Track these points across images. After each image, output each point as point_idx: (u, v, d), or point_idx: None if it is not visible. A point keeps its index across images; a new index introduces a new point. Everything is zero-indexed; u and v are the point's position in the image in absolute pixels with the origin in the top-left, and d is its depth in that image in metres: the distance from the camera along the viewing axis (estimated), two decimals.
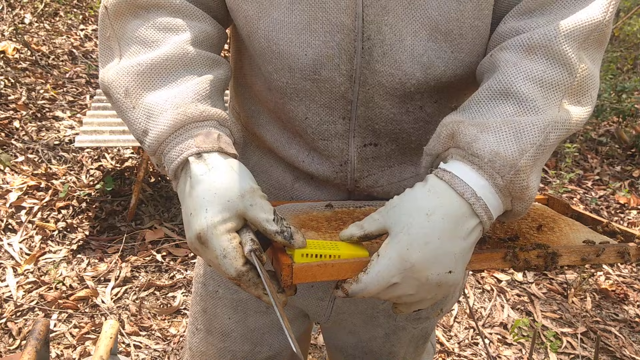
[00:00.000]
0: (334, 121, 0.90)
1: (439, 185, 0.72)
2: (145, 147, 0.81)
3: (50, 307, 2.47)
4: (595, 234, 0.90)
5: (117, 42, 0.86)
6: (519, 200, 0.74)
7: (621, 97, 4.66)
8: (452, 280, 0.72)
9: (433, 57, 0.84)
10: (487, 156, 0.71)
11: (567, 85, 0.75)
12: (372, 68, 0.84)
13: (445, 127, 0.77)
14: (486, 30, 0.85)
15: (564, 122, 0.74)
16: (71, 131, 3.73)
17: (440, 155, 0.78)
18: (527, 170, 0.72)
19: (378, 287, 0.71)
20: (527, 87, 0.74)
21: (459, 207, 0.71)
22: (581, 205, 3.82)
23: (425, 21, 0.81)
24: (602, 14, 0.77)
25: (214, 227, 0.72)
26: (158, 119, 0.78)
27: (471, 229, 0.71)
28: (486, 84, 0.78)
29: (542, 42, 0.76)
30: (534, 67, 0.75)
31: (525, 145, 0.71)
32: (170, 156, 0.78)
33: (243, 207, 0.73)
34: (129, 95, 0.81)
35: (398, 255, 0.69)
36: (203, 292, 1.17)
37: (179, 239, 3.00)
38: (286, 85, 0.89)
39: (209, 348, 1.18)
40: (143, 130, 0.79)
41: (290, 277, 0.71)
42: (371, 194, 0.99)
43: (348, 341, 1.20)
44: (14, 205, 3.03)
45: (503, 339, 2.60)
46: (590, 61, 0.78)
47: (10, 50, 4.30)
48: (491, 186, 0.72)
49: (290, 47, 0.84)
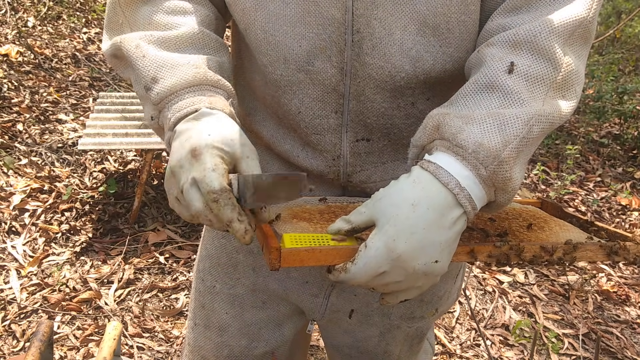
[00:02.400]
0: (327, 115, 0.92)
1: (424, 176, 0.74)
2: (151, 94, 0.82)
3: (53, 309, 2.48)
4: (584, 234, 0.91)
5: (129, 27, 0.90)
6: (502, 191, 0.75)
7: (623, 98, 4.67)
8: (439, 269, 0.74)
9: (422, 51, 0.86)
10: (471, 147, 0.73)
11: (551, 79, 0.77)
12: (362, 60, 0.86)
13: (431, 119, 0.79)
14: (474, 26, 0.88)
15: (547, 115, 0.76)
16: (74, 134, 3.75)
17: (426, 147, 0.80)
18: (510, 162, 0.73)
19: (366, 276, 0.73)
20: (512, 80, 0.76)
21: (444, 197, 0.72)
22: (583, 206, 3.82)
23: (413, 15, 0.83)
24: (586, 10, 0.79)
25: (212, 146, 0.74)
26: (173, 71, 0.81)
27: (456, 218, 0.73)
28: (473, 78, 0.80)
29: (527, 37, 0.78)
30: (518, 61, 0.77)
31: (509, 137, 0.73)
32: (179, 105, 0.80)
33: (240, 154, 0.76)
34: (139, 47, 0.84)
35: (385, 246, 0.71)
36: (201, 288, 1.19)
37: (182, 241, 3.01)
38: (281, 78, 0.91)
39: (206, 342, 1.19)
40: (152, 78, 0.82)
41: (278, 261, 0.72)
42: (364, 190, 1.01)
43: (344, 341, 1.21)
44: (18, 207, 3.05)
45: (505, 340, 2.61)
46: (575, 57, 0.80)
47: (13, 53, 4.33)
48: (475, 177, 0.73)
49: (285, 38, 0.87)
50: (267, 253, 0.74)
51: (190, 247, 2.98)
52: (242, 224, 0.73)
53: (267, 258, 0.74)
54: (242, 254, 1.11)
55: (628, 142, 4.67)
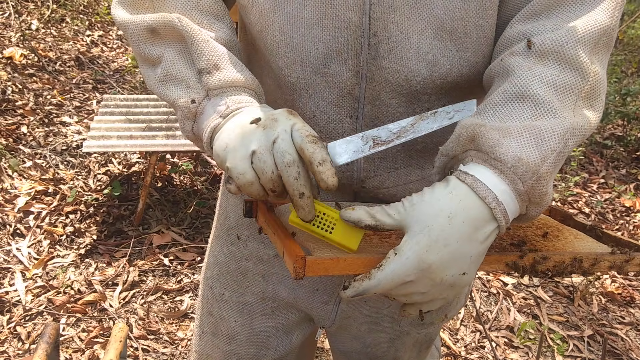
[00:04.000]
0: (341, 120, 0.92)
1: (461, 187, 0.72)
2: (210, 78, 0.83)
3: (58, 311, 2.49)
4: (599, 244, 0.91)
5: (155, 11, 0.89)
6: (536, 205, 0.74)
7: (626, 100, 4.66)
8: (465, 281, 0.73)
9: (438, 55, 0.85)
10: (510, 161, 0.71)
11: (580, 89, 0.76)
12: (378, 64, 0.86)
13: (465, 129, 0.76)
14: (491, 31, 0.87)
15: (580, 128, 0.75)
16: (78, 136, 3.76)
17: (457, 157, 0.78)
18: (548, 177, 0.72)
19: (391, 284, 0.71)
20: (542, 90, 0.75)
21: (480, 211, 0.71)
22: (586, 208, 3.82)
23: (431, 19, 0.83)
24: (609, 18, 0.78)
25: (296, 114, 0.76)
26: (235, 66, 0.85)
27: (489, 233, 0.72)
28: (501, 88, 0.79)
29: (554, 47, 0.77)
30: (547, 71, 0.76)
31: (547, 152, 0.72)
32: (239, 98, 0.83)
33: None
34: (202, 31, 0.85)
35: (416, 256, 0.69)
36: (209, 295, 1.18)
37: (186, 243, 3.02)
38: (297, 81, 0.91)
39: (214, 351, 1.18)
40: (214, 64, 0.83)
41: (302, 269, 0.70)
42: (377, 196, 1.00)
43: (353, 346, 1.20)
44: (22, 210, 3.05)
45: (510, 342, 2.60)
46: (601, 66, 0.79)
47: (17, 56, 4.34)
48: (512, 191, 0.72)
49: (302, 40, 0.87)
50: (290, 261, 0.71)
51: (195, 249, 2.99)
52: (332, 168, 0.72)
53: (290, 267, 0.71)
54: (251, 262, 1.11)
55: (631, 144, 4.67)
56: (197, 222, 3.21)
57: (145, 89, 4.47)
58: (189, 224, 3.19)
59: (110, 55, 4.96)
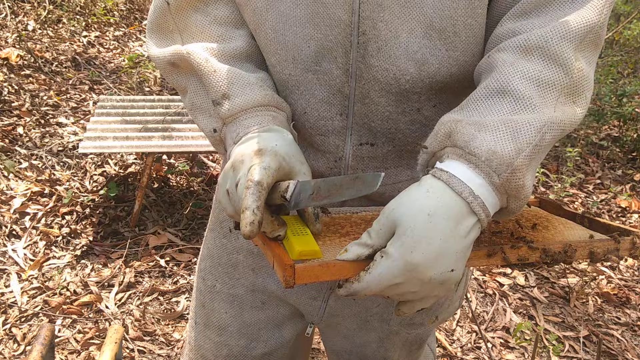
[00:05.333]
0: (332, 117, 0.93)
1: (437, 185, 0.74)
2: (222, 109, 0.89)
3: (54, 313, 2.48)
4: (589, 232, 0.91)
5: (180, 34, 0.96)
6: (514, 198, 0.75)
7: (622, 101, 4.67)
8: (454, 277, 0.74)
9: (427, 54, 0.86)
10: (484, 155, 0.72)
11: (562, 85, 0.77)
12: (367, 62, 0.87)
13: (443, 126, 0.78)
14: (480, 30, 0.88)
15: (559, 123, 0.76)
16: (75, 137, 3.75)
17: (436, 153, 0.79)
18: (523, 169, 0.73)
19: (380, 286, 0.72)
20: (523, 85, 0.76)
21: (459, 206, 0.72)
22: (582, 209, 3.82)
23: (420, 18, 0.84)
24: (597, 15, 0.79)
25: (276, 154, 0.79)
26: (244, 89, 0.89)
27: (470, 227, 0.73)
28: (483, 83, 0.80)
29: (538, 43, 0.77)
30: (530, 67, 0.77)
31: (522, 145, 0.73)
32: (249, 122, 0.87)
33: (298, 170, 0.81)
34: (209, 61, 0.90)
35: (402, 258, 0.70)
36: (202, 287, 1.19)
37: (183, 244, 3.02)
38: (289, 78, 0.92)
39: (206, 342, 1.20)
40: (223, 94, 0.89)
41: (292, 278, 0.71)
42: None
43: (343, 346, 1.21)
44: (18, 211, 3.05)
45: (505, 342, 2.61)
46: (586, 63, 0.80)
47: (13, 56, 4.33)
48: (488, 184, 0.73)
49: (295, 38, 0.88)
50: (280, 270, 0.72)
51: (191, 250, 2.99)
52: (253, 216, 0.73)
53: (281, 276, 0.72)
54: (242, 255, 1.12)
55: (627, 145, 4.68)
56: (193, 223, 3.21)
57: (141, 90, 4.47)
58: (185, 225, 3.19)
59: (107, 56, 4.95)
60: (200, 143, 3.04)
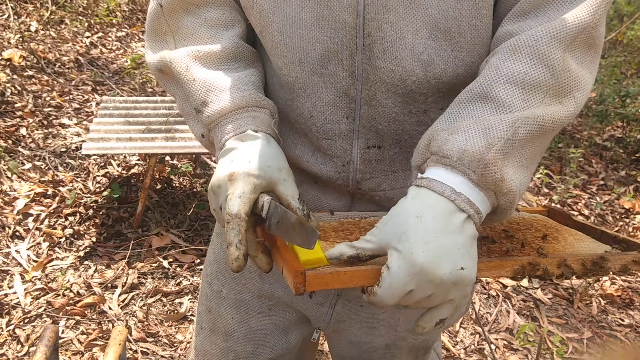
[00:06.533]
0: (338, 120, 0.93)
1: (420, 191, 0.75)
2: (202, 116, 0.91)
3: (57, 314, 2.49)
4: (599, 244, 0.91)
5: (172, 36, 0.98)
6: (500, 194, 0.76)
7: (625, 102, 4.66)
8: (467, 276, 0.73)
9: (433, 55, 0.86)
10: (456, 155, 0.74)
11: (548, 86, 0.77)
12: (373, 64, 0.87)
13: (424, 139, 0.80)
14: (486, 31, 0.88)
15: (536, 118, 0.76)
16: (77, 138, 3.76)
17: (421, 167, 0.81)
18: (498, 163, 0.74)
19: (394, 297, 0.72)
20: (505, 90, 0.77)
21: (444, 205, 0.73)
22: (586, 210, 3.82)
23: (425, 19, 0.84)
24: (590, 16, 0.78)
25: (248, 175, 0.81)
26: (221, 95, 0.90)
27: (462, 222, 0.73)
28: (468, 87, 0.81)
29: (528, 42, 0.78)
30: (516, 68, 0.77)
31: (493, 140, 0.74)
32: (228, 128, 0.89)
33: (277, 179, 0.84)
34: (189, 70, 0.92)
35: (405, 262, 0.71)
36: (208, 292, 1.19)
37: (186, 245, 3.02)
38: (295, 80, 0.92)
39: (212, 347, 1.19)
40: (202, 101, 0.91)
41: (303, 285, 0.71)
42: (373, 198, 1.01)
43: (349, 352, 1.21)
44: (22, 212, 3.05)
45: (509, 344, 2.60)
46: (577, 63, 0.80)
47: (16, 57, 4.34)
48: (468, 181, 0.74)
49: (301, 41, 0.88)
50: (290, 277, 0.73)
51: (194, 251, 2.99)
52: (237, 251, 0.78)
53: (290, 282, 0.73)
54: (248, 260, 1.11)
55: (631, 146, 4.67)
56: (196, 224, 3.21)
57: (144, 91, 4.47)
58: (188, 226, 3.19)
59: (110, 57, 4.96)
60: None
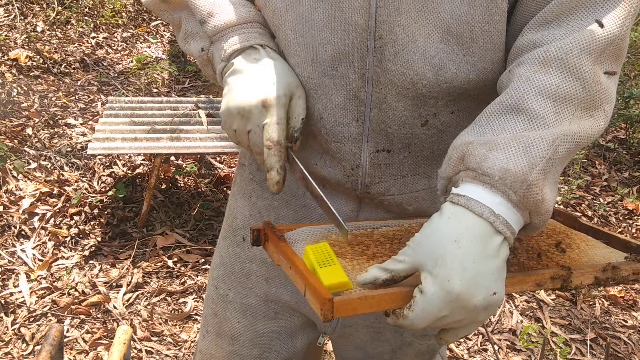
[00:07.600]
0: (348, 123, 0.92)
1: (457, 210, 0.73)
2: (207, 26, 0.93)
3: (62, 313, 2.50)
4: (611, 250, 0.91)
5: None
6: (536, 213, 0.74)
7: (629, 103, 4.65)
8: (498, 300, 0.72)
9: (445, 59, 0.85)
10: (497, 174, 0.72)
11: (580, 99, 0.76)
12: (383, 67, 0.86)
13: (455, 150, 0.77)
14: (499, 37, 0.86)
15: (573, 135, 0.75)
16: (83, 138, 3.78)
17: (452, 179, 0.79)
18: (539, 184, 0.72)
19: (425, 321, 0.71)
20: (538, 103, 0.75)
21: (482, 227, 0.71)
22: (589, 211, 3.82)
23: (437, 23, 0.83)
24: (618, 27, 0.77)
25: (280, 97, 0.87)
26: (228, 8, 0.93)
27: (498, 245, 0.71)
28: (498, 99, 0.79)
29: (557, 55, 0.76)
30: (547, 80, 0.76)
31: (535, 159, 0.72)
32: (234, 39, 0.92)
33: (295, 94, 0.90)
34: None
35: (441, 289, 0.69)
36: (214, 295, 1.19)
37: (190, 245, 3.03)
38: (307, 80, 0.92)
39: (218, 351, 1.19)
40: (208, 12, 0.93)
41: (331, 312, 0.68)
42: (382, 203, 1.00)
43: (355, 356, 1.20)
44: (27, 211, 3.07)
45: (512, 345, 2.61)
46: (606, 76, 0.78)
47: (22, 58, 4.36)
48: (507, 202, 0.72)
49: (313, 42, 0.88)
50: (317, 304, 0.69)
51: (199, 251, 3.00)
52: (278, 175, 0.86)
53: (317, 309, 0.69)
54: (255, 264, 1.12)
55: (634, 147, 4.66)
56: (201, 224, 3.23)
57: (149, 91, 4.49)
58: (192, 226, 3.21)
59: (115, 57, 4.98)
60: (208, 144, 3.06)
